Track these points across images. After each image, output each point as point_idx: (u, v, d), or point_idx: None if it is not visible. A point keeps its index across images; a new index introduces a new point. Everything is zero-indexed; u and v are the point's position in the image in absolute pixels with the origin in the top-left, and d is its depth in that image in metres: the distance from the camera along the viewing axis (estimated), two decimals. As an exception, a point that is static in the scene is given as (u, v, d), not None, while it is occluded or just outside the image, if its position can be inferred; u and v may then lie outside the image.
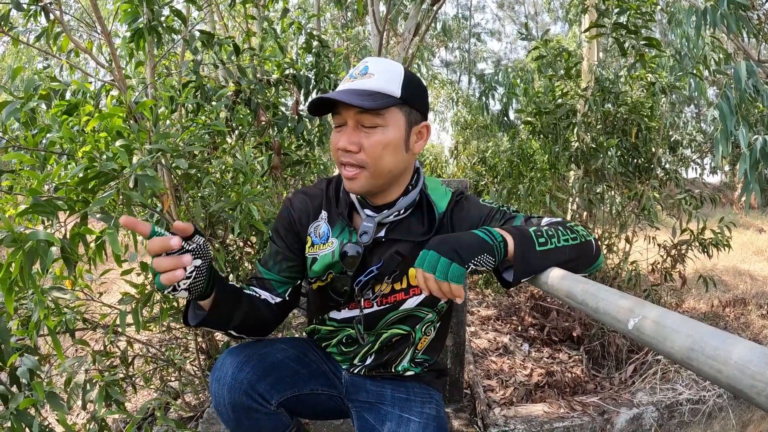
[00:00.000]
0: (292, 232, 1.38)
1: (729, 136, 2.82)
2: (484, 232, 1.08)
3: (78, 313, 1.92)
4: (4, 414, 1.42)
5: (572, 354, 3.49)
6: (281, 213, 1.41)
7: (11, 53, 9.75)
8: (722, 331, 0.59)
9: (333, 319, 1.44)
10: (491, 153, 5.96)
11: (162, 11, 2.03)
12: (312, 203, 1.39)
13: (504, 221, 1.29)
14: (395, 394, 1.46)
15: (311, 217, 1.38)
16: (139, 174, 1.44)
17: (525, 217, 1.29)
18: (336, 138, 1.23)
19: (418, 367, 1.49)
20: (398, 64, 1.23)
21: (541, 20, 23.82)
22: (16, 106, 1.66)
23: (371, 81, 1.18)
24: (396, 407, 1.42)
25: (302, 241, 1.38)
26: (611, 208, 4.03)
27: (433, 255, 1.04)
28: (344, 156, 1.21)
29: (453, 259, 1.02)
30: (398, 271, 1.33)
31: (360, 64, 1.24)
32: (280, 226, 1.39)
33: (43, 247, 1.23)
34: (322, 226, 1.36)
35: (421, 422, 1.38)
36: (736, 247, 6.45)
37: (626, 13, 3.48)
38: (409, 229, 1.33)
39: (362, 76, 1.20)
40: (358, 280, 1.32)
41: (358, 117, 1.18)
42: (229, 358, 1.30)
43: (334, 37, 7.30)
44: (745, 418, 2.64)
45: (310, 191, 1.42)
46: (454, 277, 1.02)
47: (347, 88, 1.18)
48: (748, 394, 0.52)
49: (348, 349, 1.47)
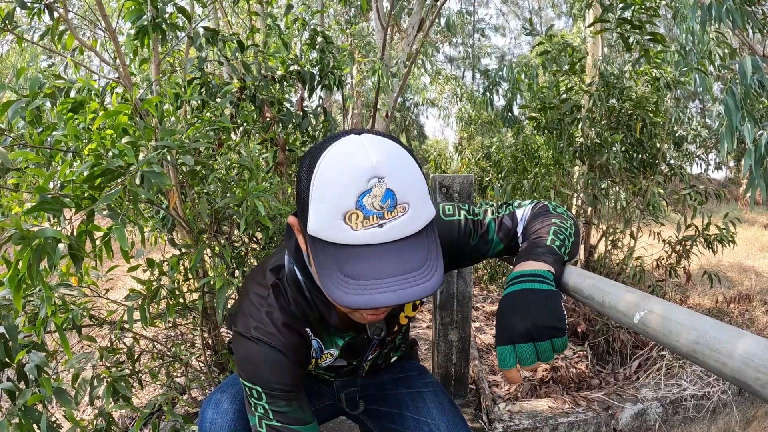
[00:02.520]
0: (299, 370, 1.11)
1: (734, 131, 2.81)
2: (536, 280, 0.91)
3: (85, 309, 1.93)
4: (12, 410, 1.43)
5: (577, 349, 3.49)
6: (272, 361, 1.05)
7: (15, 52, 9.78)
8: (727, 325, 0.60)
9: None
10: (495, 148, 5.95)
11: (166, 8, 2.03)
12: (291, 329, 1.08)
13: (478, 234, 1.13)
14: (393, 376, 1.48)
15: (305, 340, 1.13)
16: (145, 171, 1.44)
17: (495, 220, 1.14)
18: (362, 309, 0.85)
19: (399, 351, 1.51)
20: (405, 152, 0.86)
21: (545, 15, 23.73)
22: (21, 104, 1.67)
23: (409, 221, 0.80)
24: (401, 386, 1.44)
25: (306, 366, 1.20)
26: (616, 203, 4.03)
27: (526, 348, 0.86)
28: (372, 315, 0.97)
29: (553, 335, 0.86)
30: (395, 324, 1.27)
31: (371, 185, 0.78)
32: (286, 376, 1.06)
33: (51, 244, 1.24)
34: (313, 344, 1.15)
35: (431, 390, 1.40)
36: (741, 243, 6.43)
37: (631, 8, 3.47)
38: None
39: (390, 213, 0.79)
40: (365, 355, 1.29)
41: None
42: (211, 412, 1.25)
43: (338, 33, 7.30)
44: (749, 414, 2.64)
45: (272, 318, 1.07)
46: (561, 347, 0.87)
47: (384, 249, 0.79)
48: (752, 386, 0.52)
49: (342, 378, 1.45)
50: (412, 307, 1.28)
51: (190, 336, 2.76)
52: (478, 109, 9.03)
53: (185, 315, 2.29)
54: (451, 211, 1.14)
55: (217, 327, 2.38)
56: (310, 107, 2.82)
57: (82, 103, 1.80)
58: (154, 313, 2.13)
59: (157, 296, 1.96)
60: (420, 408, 1.36)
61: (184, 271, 2.23)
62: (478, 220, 1.13)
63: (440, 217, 1.12)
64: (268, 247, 2.27)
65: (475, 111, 9.24)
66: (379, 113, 5.14)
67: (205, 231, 2.10)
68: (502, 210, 1.16)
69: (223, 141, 2.32)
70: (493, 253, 1.17)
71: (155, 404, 1.79)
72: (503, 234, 1.13)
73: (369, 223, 0.78)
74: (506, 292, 0.93)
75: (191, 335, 2.74)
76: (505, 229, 1.13)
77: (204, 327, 2.38)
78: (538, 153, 4.52)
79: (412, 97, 17.80)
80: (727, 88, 2.87)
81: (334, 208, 0.78)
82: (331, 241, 0.80)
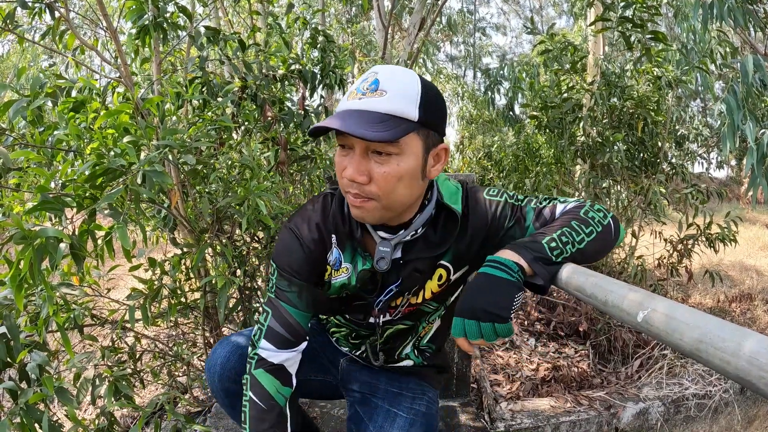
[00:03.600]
0: (309, 266, 1.24)
1: (736, 130, 2.81)
2: (501, 269, 0.99)
3: (86, 309, 1.93)
4: (14, 409, 1.43)
5: (578, 348, 3.49)
6: (292, 248, 1.23)
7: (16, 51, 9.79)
8: (731, 324, 0.59)
9: (340, 318, 1.44)
10: (497, 147, 5.95)
11: (167, 8, 2.03)
12: (320, 229, 1.23)
13: (515, 220, 1.18)
14: (388, 387, 1.47)
15: (326, 245, 1.24)
16: (146, 170, 1.44)
17: (535, 209, 1.19)
18: (342, 162, 1.06)
19: (420, 357, 1.48)
20: (413, 75, 1.05)
21: (546, 14, 23.71)
22: (22, 104, 1.67)
23: (384, 101, 1.00)
24: (386, 401, 1.43)
25: (321, 272, 1.27)
26: (617, 202, 4.02)
27: (471, 324, 0.96)
28: (351, 186, 1.05)
29: (495, 320, 0.95)
30: (417, 286, 1.27)
31: (368, 74, 1.05)
32: (295, 263, 1.23)
33: (52, 243, 1.24)
34: (333, 252, 1.24)
35: (408, 418, 1.38)
36: (743, 242, 6.42)
37: (632, 6, 3.46)
38: (426, 244, 1.21)
39: (372, 92, 1.01)
40: (378, 300, 1.28)
41: (368, 145, 1.01)
42: (219, 348, 1.36)
43: (340, 32, 7.30)
44: (751, 413, 2.63)
45: (311, 215, 1.25)
46: (503, 332, 0.96)
47: (355, 109, 1.01)
48: (756, 385, 0.52)
49: (355, 341, 1.48)
50: (439, 286, 1.28)
51: (191, 335, 2.76)
52: (480, 108, 9.02)
53: (187, 314, 2.29)
54: (495, 193, 1.24)
55: (218, 326, 2.38)
56: (312, 106, 2.81)
57: (83, 102, 1.80)
58: (156, 312, 2.13)
59: (159, 295, 1.97)
60: (384, 428, 1.37)
61: (185, 271, 2.23)
62: (518, 206, 1.20)
63: (483, 197, 1.23)
64: (269, 246, 2.27)
65: (477, 110, 9.23)
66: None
67: (207, 230, 2.10)
68: (545, 202, 1.21)
69: (225, 140, 2.32)
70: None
71: (157, 403, 1.79)
72: (540, 224, 1.17)
73: (354, 96, 1.03)
74: (478, 270, 1.05)
75: (193, 334, 2.74)
76: (542, 220, 1.17)
77: (206, 326, 2.38)
78: (540, 152, 4.52)
79: (413, 96, 17.75)
80: (728, 87, 2.86)
81: (347, 94, 1.06)
82: (337, 113, 1.04)
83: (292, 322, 1.23)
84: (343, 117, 0.99)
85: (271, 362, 1.22)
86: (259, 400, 1.21)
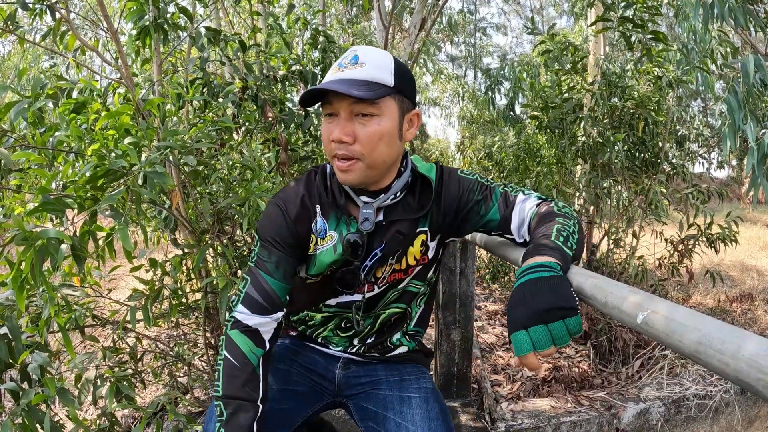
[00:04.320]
0: (292, 238, 1.31)
1: (736, 130, 2.81)
2: (539, 270, 0.95)
3: (87, 309, 1.93)
4: (15, 410, 1.44)
5: (579, 349, 3.49)
6: (275, 219, 1.32)
7: (17, 52, 9.79)
8: (730, 325, 0.60)
9: (329, 306, 1.45)
10: (497, 147, 5.95)
11: (167, 8, 2.03)
12: (303, 201, 1.33)
13: (482, 196, 1.31)
14: (389, 377, 1.48)
15: (311, 214, 1.33)
16: (148, 171, 1.45)
17: (502, 193, 1.30)
18: (329, 129, 1.19)
19: (412, 341, 1.53)
20: (386, 53, 1.22)
21: (547, 14, 23.72)
22: (24, 105, 1.67)
23: (363, 70, 1.15)
24: (394, 389, 1.44)
25: (304, 244, 1.34)
26: (618, 202, 4.02)
27: (538, 331, 0.87)
28: (339, 148, 1.18)
29: (565, 315, 0.87)
30: (400, 250, 1.35)
31: (348, 52, 1.21)
32: (276, 234, 1.31)
33: (54, 245, 1.24)
34: (318, 221, 1.32)
35: (421, 396, 1.41)
36: (744, 242, 6.42)
37: (633, 6, 3.46)
38: (405, 208, 1.32)
39: (353, 65, 1.16)
40: (364, 265, 1.33)
41: (353, 107, 1.15)
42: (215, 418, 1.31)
43: (340, 32, 7.31)
44: (751, 413, 2.63)
45: (294, 190, 1.35)
46: (576, 328, 0.87)
47: (339, 78, 1.15)
48: (755, 387, 0.52)
49: (345, 333, 1.49)
50: (420, 252, 1.37)
51: (192, 336, 2.76)
52: (480, 108, 9.02)
53: (188, 315, 2.29)
54: (468, 173, 1.37)
55: (219, 327, 2.38)
56: (313, 107, 2.81)
57: (84, 103, 1.81)
58: (157, 313, 2.13)
59: (160, 296, 1.97)
60: (405, 413, 1.38)
61: (186, 271, 2.24)
62: (488, 185, 1.33)
63: (457, 173, 1.37)
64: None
65: (477, 110, 9.24)
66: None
67: (208, 231, 2.10)
68: (510, 188, 1.32)
69: (226, 141, 2.32)
70: (490, 221, 1.31)
71: (158, 404, 1.79)
72: (504, 205, 1.28)
73: (337, 70, 1.17)
74: (515, 285, 0.96)
75: (194, 335, 2.74)
76: (508, 203, 1.28)
77: (206, 327, 2.38)
78: (540, 152, 4.52)
79: (413, 96, 17.74)
80: (729, 87, 2.86)
81: (330, 69, 1.20)
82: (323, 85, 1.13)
83: (268, 290, 1.29)
84: (331, 84, 1.12)
85: (245, 324, 1.28)
86: (233, 358, 1.26)
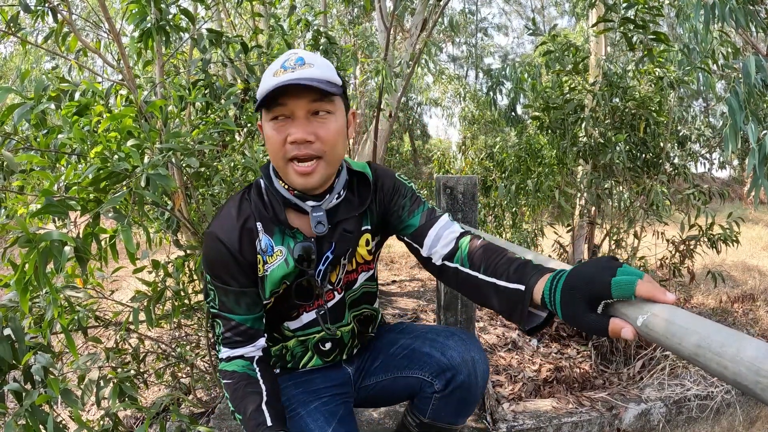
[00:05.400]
0: (240, 270, 1.26)
1: (738, 130, 2.81)
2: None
3: (90, 311, 1.94)
4: (19, 411, 1.44)
5: (581, 349, 3.49)
6: (219, 257, 1.25)
7: (19, 53, 9.81)
8: (729, 329, 0.60)
9: (296, 330, 1.41)
10: (499, 148, 5.94)
11: (169, 10, 2.04)
12: (243, 226, 1.27)
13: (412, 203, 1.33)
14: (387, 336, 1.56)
15: (253, 236, 1.27)
16: (150, 173, 1.45)
17: (430, 208, 1.33)
18: (281, 131, 1.15)
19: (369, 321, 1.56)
20: (326, 60, 1.22)
21: (548, 14, 23.71)
22: (27, 108, 1.68)
23: (315, 70, 1.13)
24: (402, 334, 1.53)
25: (254, 270, 1.29)
26: (619, 203, 4.02)
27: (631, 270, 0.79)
28: (299, 148, 1.15)
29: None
30: (350, 249, 1.34)
31: (288, 55, 1.17)
32: (225, 273, 1.26)
33: (57, 247, 1.25)
34: (263, 240, 1.27)
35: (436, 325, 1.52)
36: (745, 243, 6.42)
37: (634, 7, 3.46)
38: (348, 206, 1.32)
39: (300, 66, 1.13)
40: (318, 270, 1.31)
41: (311, 106, 1.14)
42: None
43: (341, 33, 7.31)
44: (752, 414, 2.64)
45: (229, 216, 1.29)
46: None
47: (294, 77, 1.11)
48: (753, 390, 0.53)
49: (331, 354, 1.46)
50: (368, 252, 1.39)
51: (195, 337, 2.77)
52: (482, 108, 9.04)
53: (190, 316, 2.30)
54: (405, 179, 1.39)
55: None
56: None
57: (87, 106, 1.81)
58: (160, 314, 2.14)
59: (163, 297, 1.97)
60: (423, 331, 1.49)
61: (189, 272, 2.24)
62: (418, 196, 1.36)
63: (393, 174, 1.40)
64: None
65: (479, 110, 9.25)
66: (383, 113, 5.14)
67: (210, 232, 2.10)
68: (437, 208, 1.35)
69: (228, 142, 2.33)
70: (408, 226, 1.32)
71: (161, 404, 1.80)
72: (426, 218, 1.30)
73: (284, 72, 1.12)
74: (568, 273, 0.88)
75: (196, 336, 2.75)
76: (431, 218, 1.29)
77: (209, 328, 2.39)
78: (542, 153, 4.51)
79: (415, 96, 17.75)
80: (730, 88, 2.86)
81: (269, 73, 1.15)
82: (267, 90, 1.11)
83: (241, 328, 1.29)
84: (299, 80, 1.10)
85: (232, 356, 1.30)
86: (230, 379, 1.27)
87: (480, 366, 1.37)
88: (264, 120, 1.19)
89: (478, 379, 1.37)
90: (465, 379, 1.36)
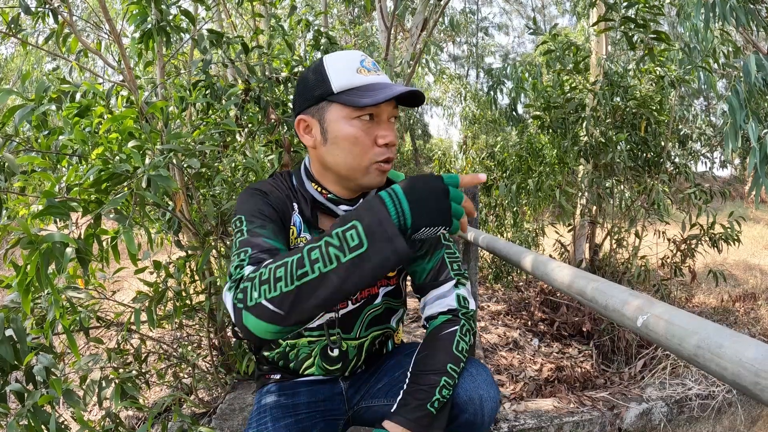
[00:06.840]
0: (278, 214, 1.20)
1: (738, 129, 2.81)
2: None
3: (92, 311, 1.94)
4: (21, 411, 1.45)
5: (582, 349, 3.49)
6: (257, 199, 1.19)
7: (20, 55, 9.82)
8: (728, 329, 0.60)
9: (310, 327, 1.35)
10: (500, 147, 5.94)
11: (170, 11, 2.04)
12: (281, 192, 1.25)
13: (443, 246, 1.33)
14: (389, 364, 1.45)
15: (289, 208, 1.25)
16: (152, 174, 1.45)
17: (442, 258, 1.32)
18: (373, 131, 1.12)
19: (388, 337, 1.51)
20: None
21: (549, 13, 23.70)
22: (28, 110, 1.68)
23: (386, 76, 1.15)
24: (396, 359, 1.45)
25: (287, 229, 1.23)
26: (620, 202, 4.03)
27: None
28: (390, 151, 1.14)
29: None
30: None
31: (359, 56, 1.15)
32: (265, 207, 1.17)
33: (59, 248, 1.25)
34: (295, 218, 1.25)
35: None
36: (746, 242, 6.42)
37: (635, 6, 3.47)
38: None
39: (376, 71, 1.14)
40: None
41: (394, 111, 1.15)
42: None
43: (342, 33, 7.31)
44: (754, 413, 2.63)
45: (274, 183, 1.27)
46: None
47: (384, 81, 1.13)
48: (752, 390, 0.53)
49: (333, 366, 1.39)
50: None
51: (196, 337, 2.77)
52: (483, 108, 9.03)
53: (192, 316, 2.30)
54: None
55: (223, 328, 2.39)
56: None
57: (88, 107, 1.81)
58: (161, 314, 2.14)
59: (164, 298, 1.98)
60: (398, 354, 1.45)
61: (190, 273, 2.25)
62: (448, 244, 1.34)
63: None
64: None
65: (480, 110, 9.25)
66: (383, 113, 5.13)
67: (211, 233, 2.11)
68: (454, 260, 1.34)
69: (229, 143, 2.33)
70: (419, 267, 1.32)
71: (163, 404, 1.80)
72: (435, 272, 1.31)
73: (371, 73, 1.13)
74: None
75: (198, 336, 2.75)
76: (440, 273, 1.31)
77: (210, 328, 2.39)
78: (543, 152, 4.52)
79: (415, 96, 17.71)
80: (731, 87, 2.86)
81: (348, 68, 1.12)
82: (354, 86, 1.11)
83: (273, 249, 1.07)
84: (383, 87, 1.10)
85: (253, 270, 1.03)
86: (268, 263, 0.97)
87: (488, 405, 1.30)
88: (336, 116, 1.12)
89: (484, 418, 1.30)
90: (469, 418, 1.28)
